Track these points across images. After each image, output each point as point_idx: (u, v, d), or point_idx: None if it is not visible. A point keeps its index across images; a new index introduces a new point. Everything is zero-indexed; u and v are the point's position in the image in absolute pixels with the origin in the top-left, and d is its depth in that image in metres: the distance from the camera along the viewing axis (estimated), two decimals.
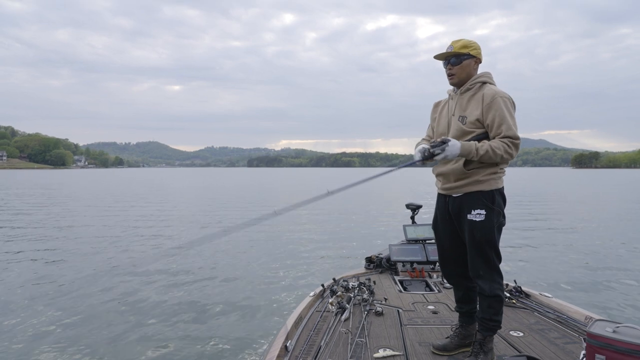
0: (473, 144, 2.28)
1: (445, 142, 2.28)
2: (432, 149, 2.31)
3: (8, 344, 4.18)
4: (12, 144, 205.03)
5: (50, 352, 4.00)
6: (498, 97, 2.31)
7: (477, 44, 2.45)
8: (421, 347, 2.61)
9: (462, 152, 2.27)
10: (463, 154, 2.28)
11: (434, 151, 2.30)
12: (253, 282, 6.47)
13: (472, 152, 2.27)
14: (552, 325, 2.97)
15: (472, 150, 2.27)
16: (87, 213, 15.89)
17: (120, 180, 49.17)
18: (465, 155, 2.29)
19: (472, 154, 2.27)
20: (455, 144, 2.27)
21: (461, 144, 2.27)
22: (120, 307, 5.26)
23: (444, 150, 2.27)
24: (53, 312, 5.06)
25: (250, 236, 10.61)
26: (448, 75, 2.48)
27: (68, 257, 8.14)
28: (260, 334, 4.43)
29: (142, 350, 4.07)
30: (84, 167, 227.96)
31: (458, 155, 2.28)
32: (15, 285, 6.20)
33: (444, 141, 2.28)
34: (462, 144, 2.28)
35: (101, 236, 10.61)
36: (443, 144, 2.27)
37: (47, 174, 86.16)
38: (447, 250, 2.58)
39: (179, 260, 7.94)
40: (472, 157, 2.28)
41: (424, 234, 4.62)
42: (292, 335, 2.78)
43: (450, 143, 2.26)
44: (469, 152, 2.27)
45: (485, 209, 2.33)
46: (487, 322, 2.38)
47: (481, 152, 2.27)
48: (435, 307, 3.37)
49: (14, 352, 4.01)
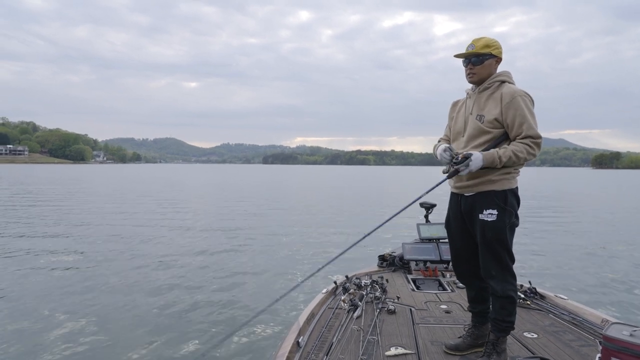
0: (495, 153, 2.27)
1: (467, 157, 2.27)
2: (456, 166, 2.31)
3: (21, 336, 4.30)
4: (34, 139, 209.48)
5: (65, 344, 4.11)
6: (517, 95, 2.29)
7: (498, 43, 2.42)
8: (433, 347, 2.60)
9: (485, 163, 2.27)
10: (486, 164, 2.27)
11: (458, 168, 2.31)
12: (266, 278, 6.51)
13: (495, 161, 2.26)
14: (567, 327, 2.93)
15: (495, 159, 2.26)
16: (126, 210, 16.17)
17: (150, 177, 49.45)
18: (489, 165, 2.28)
19: (496, 162, 2.26)
20: (477, 157, 2.26)
21: (483, 156, 2.26)
22: (134, 297, 5.36)
23: (468, 165, 2.27)
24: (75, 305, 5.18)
25: (264, 234, 10.68)
26: (468, 74, 2.46)
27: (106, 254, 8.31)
28: (273, 330, 4.47)
29: (150, 342, 4.15)
30: (102, 162, 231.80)
31: (482, 167, 2.28)
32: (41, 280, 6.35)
33: (466, 156, 2.28)
34: (483, 155, 2.27)
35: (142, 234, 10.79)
36: (466, 159, 2.27)
37: (68, 169, 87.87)
38: (460, 250, 2.57)
39: (192, 258, 8.03)
40: (496, 165, 2.27)
41: (438, 233, 4.59)
42: (304, 331, 2.80)
43: (473, 157, 2.26)
44: (492, 162, 2.26)
45: (497, 208, 2.32)
46: (500, 322, 2.36)
47: (504, 160, 2.25)
48: (448, 306, 3.36)
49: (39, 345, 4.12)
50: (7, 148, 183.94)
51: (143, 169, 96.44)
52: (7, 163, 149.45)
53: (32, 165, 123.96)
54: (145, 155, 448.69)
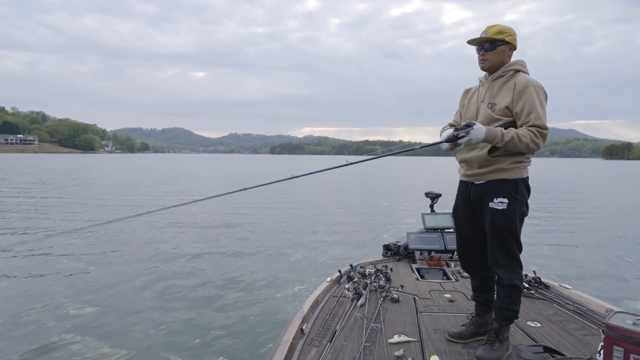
0: (499, 130, 2.24)
1: (470, 125, 2.24)
2: (457, 131, 2.28)
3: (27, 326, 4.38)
4: (43, 129, 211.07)
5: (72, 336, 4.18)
6: (530, 85, 2.26)
7: (512, 30, 2.38)
8: (436, 334, 2.62)
9: (487, 136, 2.23)
10: (488, 138, 2.23)
11: (457, 134, 2.27)
12: (271, 267, 6.56)
13: (497, 137, 2.22)
14: (571, 316, 2.93)
15: (498, 135, 2.22)
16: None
17: (162, 168, 49.68)
18: (490, 140, 2.24)
19: (497, 139, 2.22)
20: (480, 127, 2.23)
21: (486, 129, 2.23)
22: (138, 285, 5.44)
23: (468, 133, 2.23)
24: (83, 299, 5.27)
25: (270, 222, 10.74)
26: (480, 60, 2.42)
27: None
28: (277, 317, 4.52)
29: (152, 328, 4.23)
30: (111, 152, 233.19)
31: (483, 139, 2.24)
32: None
33: (469, 124, 2.24)
34: (487, 128, 2.23)
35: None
36: (468, 127, 2.24)
37: (79, 158, 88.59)
38: (466, 238, 2.56)
39: (193, 245, 8.11)
40: (497, 142, 2.23)
41: (443, 223, 4.58)
42: (308, 318, 2.82)
43: (475, 127, 2.22)
44: (493, 137, 2.23)
45: (507, 197, 2.30)
46: (504, 311, 2.36)
47: (506, 139, 2.21)
48: (452, 295, 3.36)
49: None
50: (17, 138, 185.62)
51: (152, 159, 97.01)
52: (18, 152, 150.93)
53: (41, 155, 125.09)
54: (154, 145, 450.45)
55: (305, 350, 2.39)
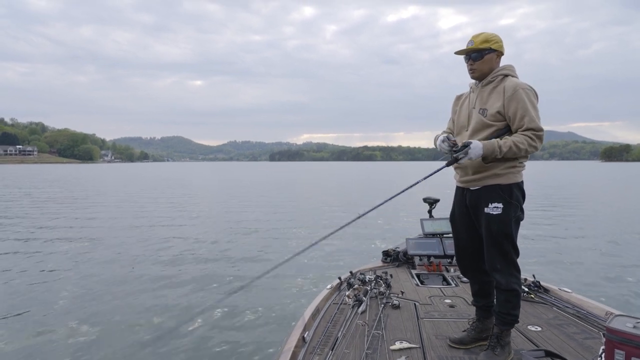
0: (495, 142, 2.26)
1: (467, 145, 2.27)
2: (455, 154, 2.32)
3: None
4: (43, 140, 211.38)
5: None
6: (520, 88, 2.29)
7: (498, 37, 2.42)
8: (438, 340, 2.61)
9: (485, 152, 2.26)
10: (486, 153, 2.27)
11: (457, 156, 2.31)
12: (271, 274, 6.54)
13: (495, 151, 2.26)
14: (571, 320, 2.93)
15: (495, 148, 2.25)
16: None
17: (162, 177, 49.76)
18: (489, 155, 2.27)
19: (496, 152, 2.26)
20: (477, 145, 2.26)
21: (483, 144, 2.26)
22: (139, 294, 5.43)
23: (467, 153, 2.27)
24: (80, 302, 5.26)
25: (268, 230, 10.73)
26: (469, 70, 2.46)
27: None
28: (278, 325, 4.51)
29: (151, 334, 4.22)
30: (110, 161, 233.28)
31: (482, 155, 2.27)
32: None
33: (466, 145, 2.28)
34: (483, 144, 2.26)
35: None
36: (465, 147, 2.27)
37: (78, 168, 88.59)
38: (464, 244, 2.58)
39: (192, 254, 8.10)
40: (496, 155, 2.27)
41: (442, 228, 4.58)
42: (310, 326, 2.82)
43: (472, 145, 2.26)
44: (492, 151, 2.26)
45: (502, 202, 2.32)
46: (505, 316, 2.37)
47: (504, 150, 2.25)
48: (453, 300, 3.36)
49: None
50: (16, 148, 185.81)
51: (151, 168, 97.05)
52: (17, 163, 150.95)
53: (41, 165, 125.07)
54: (153, 154, 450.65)
55: (307, 359, 2.39)
